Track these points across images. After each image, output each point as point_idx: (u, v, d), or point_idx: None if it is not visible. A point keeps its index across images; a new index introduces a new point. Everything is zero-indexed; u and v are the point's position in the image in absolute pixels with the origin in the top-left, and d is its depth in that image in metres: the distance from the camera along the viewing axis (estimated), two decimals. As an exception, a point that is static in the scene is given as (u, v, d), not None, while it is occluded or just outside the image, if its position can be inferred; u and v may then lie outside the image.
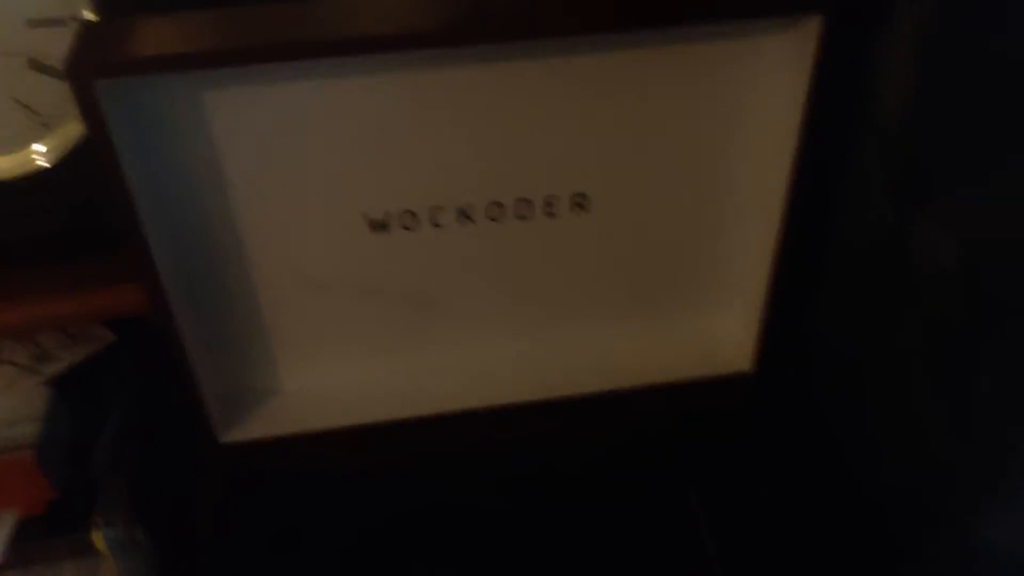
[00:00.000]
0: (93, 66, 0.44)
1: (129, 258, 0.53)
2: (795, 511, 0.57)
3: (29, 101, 0.58)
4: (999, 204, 0.39)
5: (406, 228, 0.58)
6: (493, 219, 0.58)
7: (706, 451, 0.61)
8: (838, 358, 0.57)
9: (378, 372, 0.65)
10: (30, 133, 0.59)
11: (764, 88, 0.53)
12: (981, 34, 0.40)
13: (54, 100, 0.58)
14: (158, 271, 0.53)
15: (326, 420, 0.64)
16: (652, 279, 0.64)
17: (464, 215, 0.58)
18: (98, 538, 0.61)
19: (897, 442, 0.50)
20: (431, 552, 0.58)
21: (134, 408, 0.67)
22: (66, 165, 0.60)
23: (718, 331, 0.66)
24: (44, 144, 0.59)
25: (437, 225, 0.58)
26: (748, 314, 0.63)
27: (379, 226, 0.57)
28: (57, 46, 0.57)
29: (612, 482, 0.60)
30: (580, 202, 0.59)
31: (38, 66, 0.56)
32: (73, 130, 0.59)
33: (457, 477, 0.62)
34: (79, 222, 0.62)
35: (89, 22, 0.54)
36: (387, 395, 0.64)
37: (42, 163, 0.59)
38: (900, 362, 0.47)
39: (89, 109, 0.45)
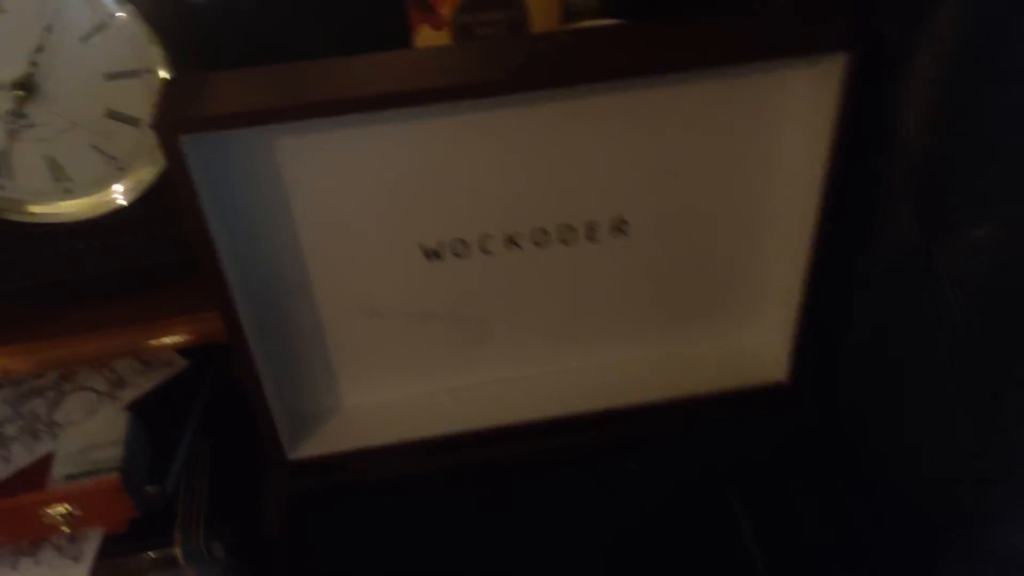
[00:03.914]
0: (177, 123, 0.49)
1: (206, 289, 0.58)
2: (832, 514, 0.61)
3: (106, 148, 0.62)
4: (1020, 228, 0.42)
5: (457, 256, 0.61)
6: (538, 244, 0.62)
7: (746, 458, 0.64)
8: (869, 370, 0.60)
9: (432, 390, 0.69)
10: (108, 176, 0.64)
11: (795, 119, 0.57)
12: (997, 64, 0.43)
13: (128, 146, 0.63)
14: (233, 300, 0.57)
15: (385, 436, 0.67)
16: (689, 297, 0.67)
17: (511, 241, 0.61)
18: (178, 553, 0.66)
19: (930, 449, 0.53)
20: (484, 554, 0.61)
21: (205, 430, 0.72)
22: (141, 204, 0.64)
23: (754, 345, 0.69)
24: (121, 185, 0.64)
25: (486, 252, 0.62)
26: (783, 328, 0.66)
27: (433, 255, 0.61)
28: (131, 97, 0.62)
29: (657, 490, 0.64)
30: (620, 227, 0.62)
31: (115, 115, 0.61)
32: (146, 173, 0.64)
33: (507, 486, 0.66)
34: (153, 256, 0.67)
35: (168, 80, 0.58)
36: (441, 411, 0.68)
37: (120, 202, 0.64)
38: (930, 377, 0.51)
39: (174, 159, 0.49)
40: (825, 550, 0.58)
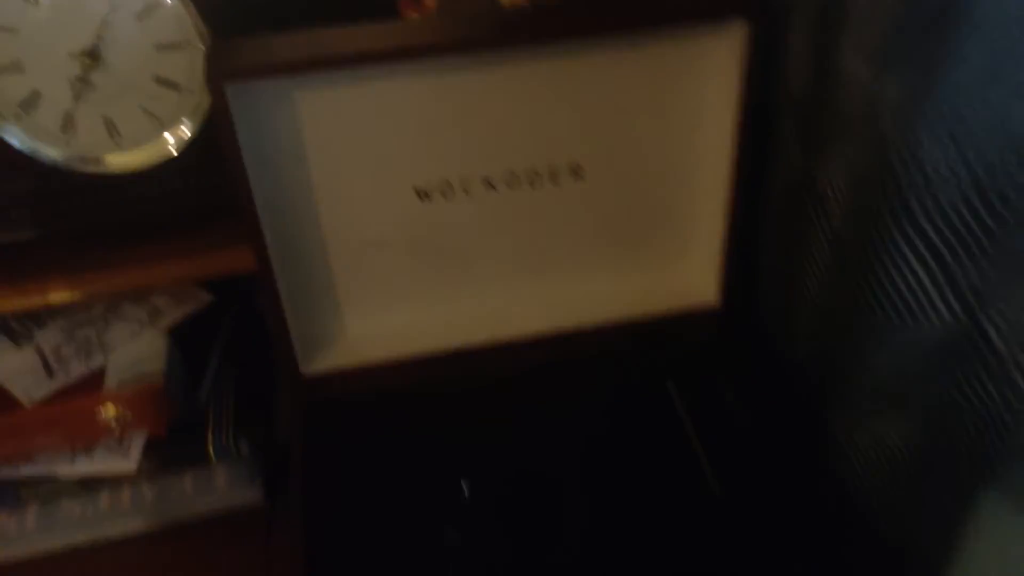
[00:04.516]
0: (223, 72, 0.62)
1: (233, 229, 0.70)
2: (750, 397, 0.74)
3: (153, 109, 0.75)
4: (865, 147, 0.56)
5: (444, 196, 0.75)
6: (510, 186, 0.75)
7: (684, 363, 0.78)
8: (778, 281, 0.74)
9: (422, 314, 0.81)
10: (152, 134, 0.76)
11: (710, 76, 0.71)
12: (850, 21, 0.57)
13: (170, 107, 0.76)
14: (263, 233, 0.70)
15: (382, 354, 0.80)
16: (634, 232, 0.81)
17: (488, 183, 0.75)
18: (210, 450, 0.78)
19: (820, 334, 0.67)
20: (467, 448, 0.74)
21: (230, 353, 0.84)
22: (179, 158, 0.77)
23: (689, 273, 0.83)
24: (163, 141, 0.77)
25: (468, 192, 0.75)
26: (711, 258, 0.80)
27: (424, 195, 0.75)
28: (176, 65, 0.75)
29: (607, 387, 0.77)
30: (576, 171, 0.76)
31: (161, 81, 0.74)
32: (183, 132, 0.77)
33: (487, 392, 0.78)
34: (184, 203, 0.80)
35: (214, 43, 0.71)
36: (429, 332, 0.81)
37: (163, 156, 0.77)
38: (819, 274, 0.65)
39: (219, 105, 0.63)
40: (745, 426, 0.72)
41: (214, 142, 0.66)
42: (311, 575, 0.63)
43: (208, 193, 0.78)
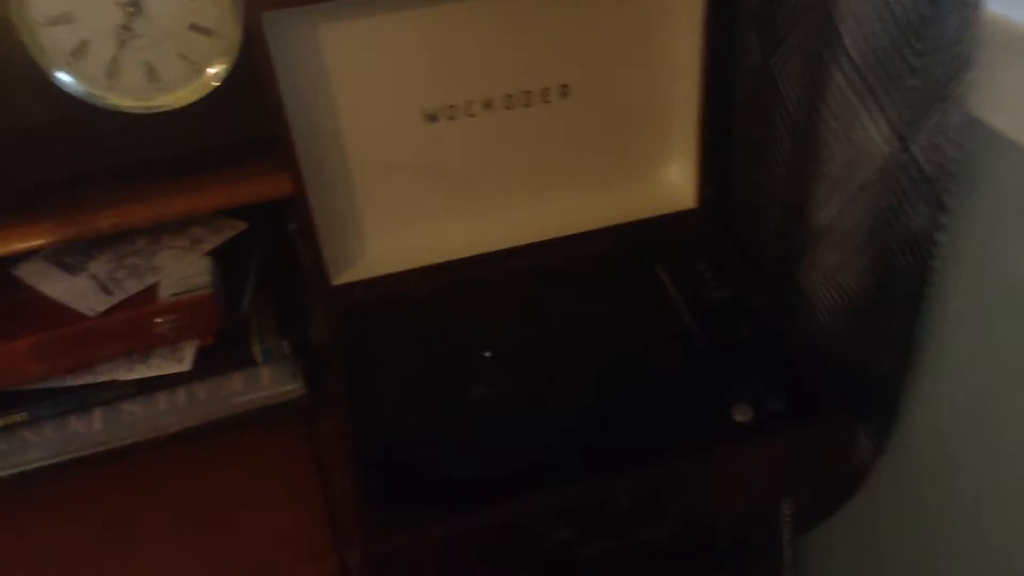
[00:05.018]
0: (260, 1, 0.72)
1: (271, 158, 0.80)
2: (730, 280, 0.85)
3: (188, 53, 0.85)
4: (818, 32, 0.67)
5: (450, 118, 0.85)
6: (508, 107, 0.86)
7: (669, 253, 0.89)
8: (748, 175, 0.85)
9: (435, 228, 0.91)
10: (188, 76, 0.86)
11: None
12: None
13: (203, 51, 0.85)
14: (299, 162, 0.80)
15: (400, 264, 0.90)
16: (620, 145, 0.91)
17: (487, 105, 0.85)
18: (256, 351, 0.89)
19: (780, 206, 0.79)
20: (478, 338, 0.84)
21: (263, 270, 0.94)
22: (212, 98, 0.86)
23: (670, 179, 0.94)
24: (197, 83, 0.86)
25: (470, 115, 0.85)
26: (689, 164, 0.91)
27: (431, 117, 0.84)
28: (207, 12, 0.84)
29: (604, 276, 0.88)
30: (564, 91, 0.86)
31: (195, 27, 0.84)
32: (209, 74, 0.86)
33: (494, 294, 0.89)
34: (218, 139, 0.89)
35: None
36: (441, 244, 0.91)
37: (199, 95, 0.86)
38: (777, 157, 0.76)
39: (256, 33, 0.73)
40: (723, 296, 0.83)
41: (245, 82, 0.76)
42: (358, 446, 0.74)
43: (242, 129, 0.88)
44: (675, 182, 0.93)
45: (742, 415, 0.71)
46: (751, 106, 0.79)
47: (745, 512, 0.91)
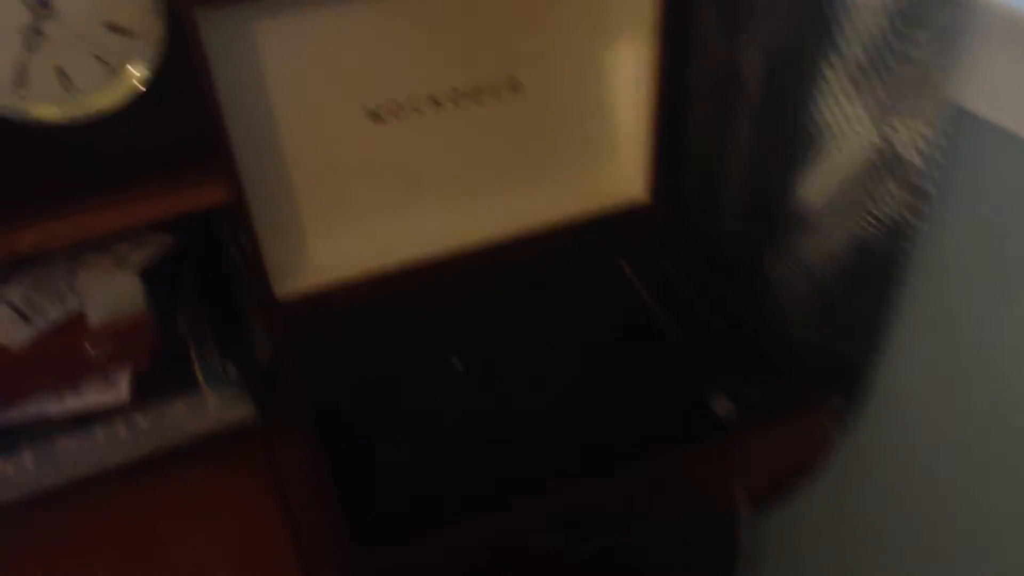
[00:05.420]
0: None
1: (203, 164, 0.74)
2: (691, 270, 0.85)
3: (104, 55, 0.78)
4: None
5: (395, 116, 0.81)
6: (455, 103, 0.82)
7: (629, 245, 0.88)
8: (707, 165, 0.84)
9: (382, 232, 0.87)
10: (103, 80, 0.79)
11: None
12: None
13: (120, 53, 0.78)
14: (236, 165, 0.74)
15: (349, 272, 0.86)
16: (573, 140, 0.89)
17: (434, 101, 0.81)
18: (199, 375, 0.83)
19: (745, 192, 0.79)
20: (442, 341, 0.81)
21: (198, 287, 0.88)
22: (132, 105, 0.80)
23: (621, 175, 0.92)
24: (115, 87, 0.79)
25: (417, 110, 0.81)
26: (640, 160, 0.89)
27: (375, 115, 0.80)
28: (125, 10, 0.77)
29: (564, 269, 0.87)
30: (513, 85, 0.83)
31: (111, 27, 0.77)
32: (130, 76, 0.79)
33: (443, 294, 0.86)
34: (137, 147, 0.83)
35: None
36: (390, 248, 0.87)
37: (117, 102, 0.79)
38: (739, 145, 0.75)
39: (192, 31, 0.67)
40: (684, 284, 0.83)
41: (175, 85, 0.70)
42: (329, 464, 0.70)
43: (174, 135, 0.82)
44: (627, 176, 0.92)
45: (722, 408, 0.71)
46: (711, 95, 0.78)
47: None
